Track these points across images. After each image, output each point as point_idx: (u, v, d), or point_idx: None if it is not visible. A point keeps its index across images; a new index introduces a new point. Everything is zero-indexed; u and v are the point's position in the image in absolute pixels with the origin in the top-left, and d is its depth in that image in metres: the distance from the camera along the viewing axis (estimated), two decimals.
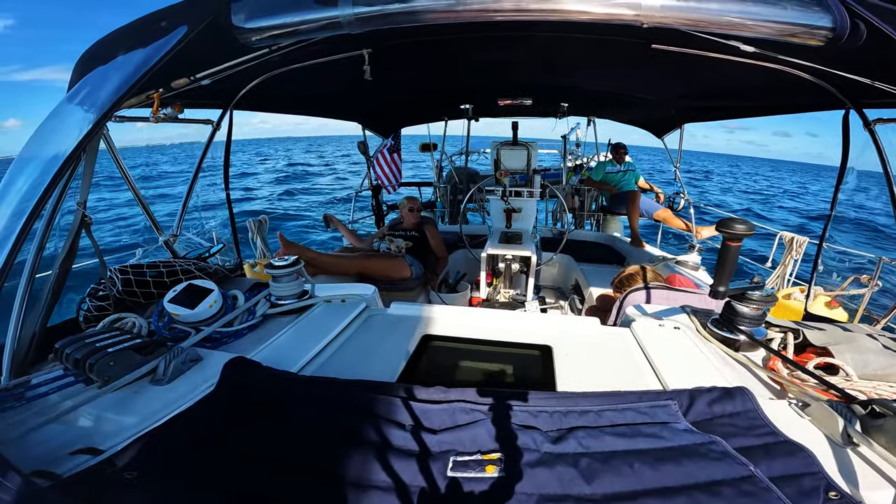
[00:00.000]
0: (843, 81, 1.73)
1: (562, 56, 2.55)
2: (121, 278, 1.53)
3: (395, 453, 0.75)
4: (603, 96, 3.98)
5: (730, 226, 1.12)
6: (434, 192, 6.76)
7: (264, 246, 4.07)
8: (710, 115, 3.79)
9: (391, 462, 0.72)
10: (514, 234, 3.71)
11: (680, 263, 3.59)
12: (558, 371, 1.14)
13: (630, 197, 4.82)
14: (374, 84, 2.09)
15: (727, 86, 2.62)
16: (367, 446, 0.77)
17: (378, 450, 0.76)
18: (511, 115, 4.86)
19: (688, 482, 0.66)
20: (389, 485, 0.69)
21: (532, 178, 4.04)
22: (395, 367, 1.16)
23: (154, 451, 0.74)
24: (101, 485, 0.65)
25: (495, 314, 1.52)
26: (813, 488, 0.64)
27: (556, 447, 0.76)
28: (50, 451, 0.75)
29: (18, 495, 0.59)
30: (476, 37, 2.07)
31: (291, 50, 1.64)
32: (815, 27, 1.06)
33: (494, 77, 3.33)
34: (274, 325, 1.41)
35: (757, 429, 0.80)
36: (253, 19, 1.16)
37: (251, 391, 0.94)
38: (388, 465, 0.72)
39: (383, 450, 0.76)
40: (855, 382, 0.98)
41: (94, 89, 0.96)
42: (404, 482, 0.69)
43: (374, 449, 0.76)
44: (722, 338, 1.23)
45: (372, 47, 1.98)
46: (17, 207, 0.84)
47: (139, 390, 0.96)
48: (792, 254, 3.78)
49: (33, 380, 0.98)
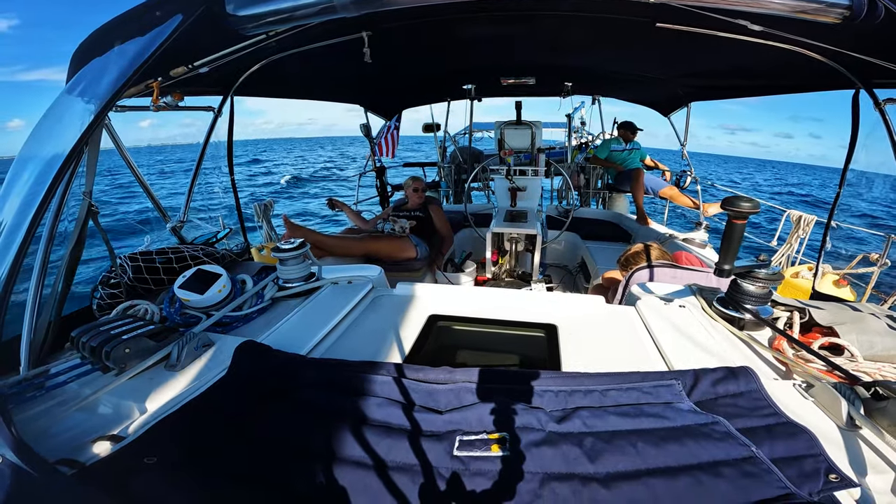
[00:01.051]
0: (853, 61, 1.68)
1: (565, 35, 2.49)
2: (131, 265, 1.55)
3: (401, 433, 0.77)
4: (608, 75, 3.89)
5: (735, 203, 1.11)
6: (438, 172, 6.70)
7: (270, 229, 4.09)
8: (716, 93, 3.70)
9: (397, 442, 0.74)
10: (519, 213, 3.69)
11: (687, 241, 3.56)
12: (563, 350, 1.15)
13: (634, 174, 4.75)
14: (374, 66, 2.05)
15: (734, 65, 2.56)
16: (375, 427, 0.79)
17: (385, 430, 0.78)
18: (514, 94, 4.76)
19: (690, 462, 0.67)
20: (397, 464, 0.71)
21: (537, 156, 3.99)
22: (401, 348, 1.18)
23: (171, 435, 0.76)
24: (124, 471, 0.68)
25: (501, 293, 1.53)
26: (814, 470, 0.65)
27: (561, 427, 0.77)
28: (72, 439, 0.77)
29: (46, 485, 0.62)
30: (476, 16, 2.02)
31: (289, 35, 1.62)
32: (832, 4, 1.02)
33: (497, 56, 3.26)
34: (282, 307, 1.43)
35: (760, 409, 0.81)
36: (246, 7, 1.13)
37: (262, 375, 0.96)
38: (395, 445, 0.74)
39: (390, 430, 0.78)
40: (860, 363, 0.98)
41: (92, 81, 0.96)
42: (411, 462, 0.71)
43: (382, 429, 0.78)
44: (727, 316, 1.23)
45: (371, 30, 1.94)
46: (25, 200, 0.85)
47: (154, 376, 0.99)
48: (799, 232, 3.74)
49: (52, 369, 1.01)
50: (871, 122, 1.94)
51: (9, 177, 0.90)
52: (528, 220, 3.47)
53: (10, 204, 0.86)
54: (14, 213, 0.84)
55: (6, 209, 0.86)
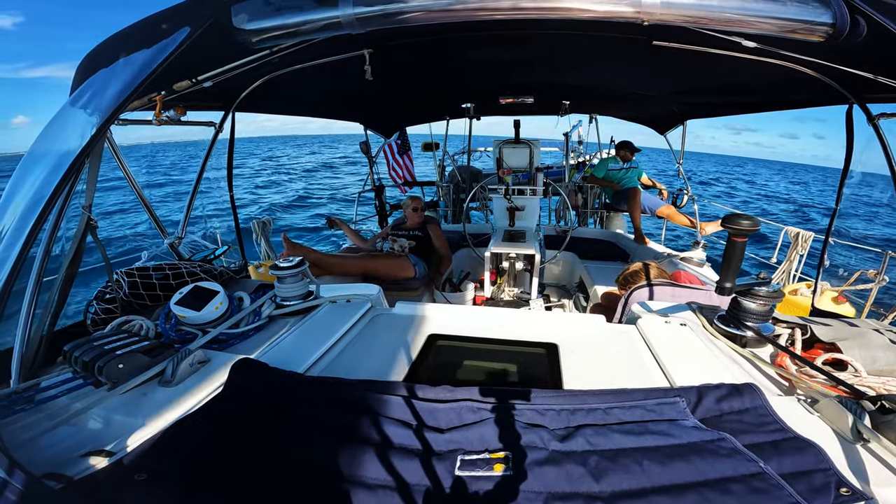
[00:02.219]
0: (845, 77, 1.72)
1: (563, 54, 2.54)
2: (127, 281, 1.54)
3: (402, 453, 0.75)
4: (604, 93, 3.97)
5: (735, 221, 1.11)
6: (437, 192, 6.75)
7: (268, 247, 4.09)
8: (712, 111, 3.77)
9: (399, 462, 0.72)
10: (517, 233, 3.71)
11: (685, 260, 3.57)
12: (565, 369, 1.14)
13: (631, 194, 4.80)
14: (375, 84, 2.09)
15: (730, 82, 2.61)
16: (375, 446, 0.77)
17: (385, 449, 0.76)
18: (513, 113, 4.85)
19: (697, 479, 0.66)
20: (397, 484, 0.69)
21: (535, 175, 4.03)
22: (400, 367, 1.17)
23: (163, 452, 0.74)
24: (111, 487, 0.66)
25: (500, 313, 1.52)
26: (824, 484, 0.64)
27: (564, 445, 0.76)
28: (60, 454, 0.75)
29: (30, 498, 0.60)
30: (476, 36, 2.07)
31: (292, 51, 1.65)
32: (816, 23, 1.05)
33: (495, 76, 3.32)
34: (280, 325, 1.41)
35: (766, 425, 0.79)
36: (253, 21, 1.16)
37: (258, 392, 0.94)
38: (395, 464, 0.72)
39: (391, 449, 0.76)
40: (864, 378, 0.97)
41: (96, 93, 0.97)
42: (412, 481, 0.69)
43: (382, 449, 0.76)
44: (729, 334, 1.22)
45: (372, 47, 1.98)
46: (24, 212, 0.84)
47: (148, 392, 0.97)
48: (797, 249, 3.76)
49: (42, 383, 0.99)
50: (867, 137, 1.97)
51: (9, 186, 0.90)
52: (527, 240, 3.49)
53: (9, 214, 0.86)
54: (13, 224, 0.83)
55: (6, 219, 0.86)
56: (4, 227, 0.84)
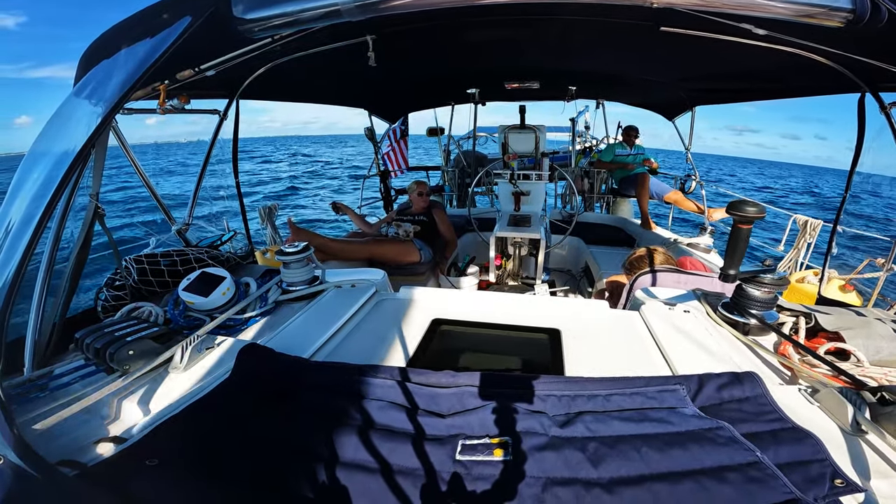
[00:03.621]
0: (859, 65, 1.68)
1: (569, 39, 2.49)
2: (136, 268, 1.56)
3: (404, 437, 0.77)
4: (611, 79, 3.89)
5: (740, 208, 1.10)
6: (442, 176, 6.72)
7: (274, 232, 4.11)
8: (721, 97, 3.69)
9: (401, 446, 0.74)
10: (522, 217, 3.69)
11: (691, 246, 3.55)
12: (567, 355, 1.15)
13: (639, 179, 4.74)
14: (379, 70, 2.06)
15: (739, 69, 2.56)
16: (377, 430, 0.78)
17: (388, 433, 0.78)
18: (518, 98, 4.77)
19: (694, 467, 0.67)
20: (399, 467, 0.71)
21: (540, 161, 3.99)
22: (405, 352, 1.18)
23: (174, 438, 0.76)
24: (125, 473, 0.68)
25: (504, 297, 1.53)
26: (819, 475, 0.64)
27: (564, 431, 0.77)
28: (74, 441, 0.78)
29: (47, 486, 0.62)
30: (481, 20, 2.03)
31: (294, 39, 1.63)
32: (835, 8, 1.01)
33: (501, 61, 3.27)
34: (286, 311, 1.43)
35: (765, 415, 0.80)
36: (253, 10, 1.14)
37: (265, 377, 0.96)
38: (397, 448, 0.74)
39: (393, 433, 0.78)
40: (866, 368, 0.97)
41: (100, 83, 0.97)
42: (413, 465, 0.71)
43: (384, 433, 0.78)
44: (732, 322, 1.22)
45: (375, 33, 1.95)
46: (32, 203, 0.85)
47: (158, 378, 0.99)
48: (805, 237, 3.71)
49: (56, 370, 1.01)
50: (878, 126, 1.93)
51: (16, 178, 0.91)
52: (532, 225, 3.47)
53: (17, 205, 0.87)
54: (21, 215, 0.85)
55: (13, 210, 0.87)
56: (13, 218, 0.86)
